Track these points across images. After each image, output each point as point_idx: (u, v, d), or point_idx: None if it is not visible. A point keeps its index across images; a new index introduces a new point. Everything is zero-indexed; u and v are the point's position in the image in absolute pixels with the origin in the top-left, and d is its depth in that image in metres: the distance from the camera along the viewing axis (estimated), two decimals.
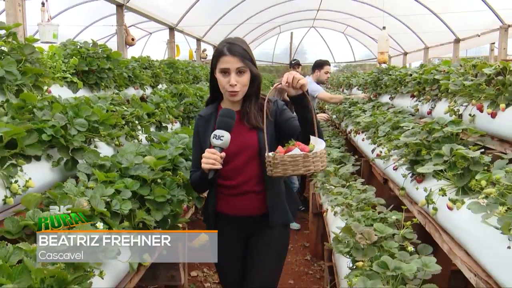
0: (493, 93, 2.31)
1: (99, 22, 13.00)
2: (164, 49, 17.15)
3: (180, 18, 9.43)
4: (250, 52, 1.87)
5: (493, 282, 1.51)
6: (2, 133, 1.71)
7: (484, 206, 1.54)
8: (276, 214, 1.95)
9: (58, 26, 4.91)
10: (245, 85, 1.84)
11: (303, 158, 1.62)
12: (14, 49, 2.46)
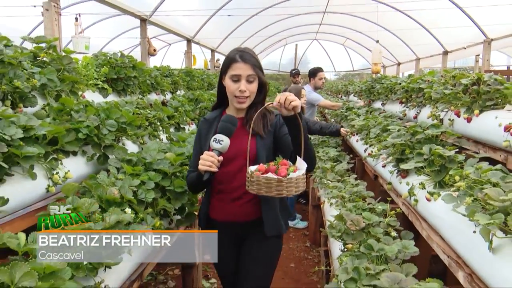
0: (469, 100, 2.38)
1: (123, 34, 13.16)
2: (182, 58, 17.33)
3: (197, 31, 9.55)
4: (259, 61, 1.80)
5: (462, 262, 1.59)
6: (46, 131, 1.82)
7: (455, 197, 1.63)
8: (270, 223, 1.82)
9: (89, 38, 5.05)
10: (253, 92, 1.76)
11: (276, 182, 1.50)
12: (54, 59, 2.59)
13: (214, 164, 1.61)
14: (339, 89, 9.46)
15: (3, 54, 2.02)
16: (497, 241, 1.36)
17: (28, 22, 9.56)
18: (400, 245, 1.74)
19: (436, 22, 9.96)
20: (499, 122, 1.99)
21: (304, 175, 1.56)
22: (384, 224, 2.01)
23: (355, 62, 20.20)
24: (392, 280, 1.35)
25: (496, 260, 1.35)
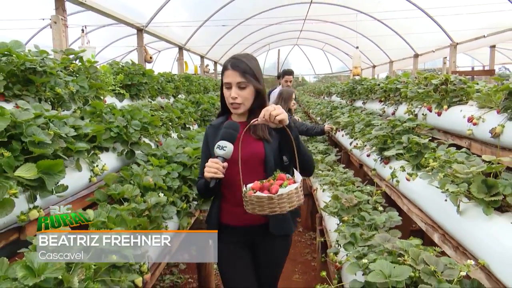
0: (439, 97, 2.70)
1: (116, 42, 13.25)
2: (170, 64, 17.49)
3: (188, 39, 9.76)
4: (254, 68, 1.69)
5: (437, 226, 1.90)
6: (90, 130, 2.05)
7: (430, 174, 1.93)
8: (277, 224, 1.75)
9: (95, 48, 5.23)
10: (246, 99, 1.68)
11: (267, 200, 1.42)
12: (80, 69, 2.80)
13: (219, 171, 1.53)
14: (321, 91, 9.80)
15: (45, 65, 2.24)
16: (463, 205, 1.67)
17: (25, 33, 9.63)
18: (387, 215, 2.03)
19: (408, 29, 10.42)
20: (463, 115, 2.31)
21: (297, 188, 1.45)
22: (372, 201, 2.31)
23: (334, 65, 20.68)
24: (382, 239, 1.64)
25: (463, 220, 1.66)
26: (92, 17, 7.41)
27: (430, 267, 1.34)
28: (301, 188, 1.49)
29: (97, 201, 1.94)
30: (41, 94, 2.21)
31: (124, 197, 1.95)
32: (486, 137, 2.10)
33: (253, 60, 1.75)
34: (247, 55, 1.76)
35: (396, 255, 1.46)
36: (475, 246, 1.54)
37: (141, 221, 1.69)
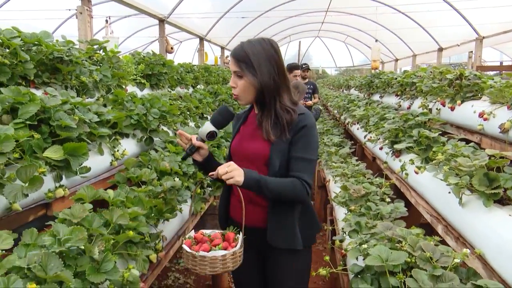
0: (453, 92, 2.73)
1: (137, 33, 13.50)
2: (192, 55, 17.68)
3: (208, 30, 9.89)
4: (256, 55, 1.48)
5: (441, 218, 1.96)
6: (112, 117, 2.19)
7: (436, 167, 1.99)
8: (276, 232, 1.56)
9: (118, 38, 5.40)
10: (243, 90, 1.51)
11: (192, 257, 1.35)
12: (104, 58, 2.95)
13: (182, 142, 1.60)
14: (340, 84, 9.78)
15: (72, 55, 2.38)
16: (465, 198, 1.72)
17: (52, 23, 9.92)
18: (393, 206, 2.10)
19: (432, 22, 10.25)
20: (474, 110, 2.33)
21: (225, 256, 1.33)
22: (380, 192, 2.37)
23: (355, 58, 20.47)
24: (384, 227, 1.71)
25: (464, 212, 1.71)
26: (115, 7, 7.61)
27: (426, 253, 1.41)
28: (232, 256, 1.35)
29: (117, 183, 2.08)
30: (67, 82, 2.36)
31: (142, 180, 2.08)
32: (496, 132, 2.13)
33: (259, 46, 1.50)
34: (257, 40, 1.53)
35: (395, 242, 1.54)
36: (474, 237, 1.60)
37: (157, 202, 1.82)
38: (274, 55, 1.52)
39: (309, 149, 1.52)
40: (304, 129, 1.51)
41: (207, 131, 1.55)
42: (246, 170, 1.43)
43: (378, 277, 1.43)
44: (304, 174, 1.50)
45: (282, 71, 1.55)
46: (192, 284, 3.27)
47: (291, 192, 1.49)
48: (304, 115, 1.54)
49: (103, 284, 1.35)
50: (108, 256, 1.31)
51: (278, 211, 1.56)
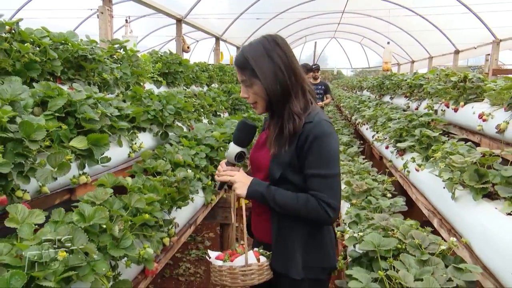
0: (457, 94, 2.82)
1: (154, 32, 13.77)
2: (208, 54, 17.93)
3: (224, 30, 10.07)
4: (255, 59, 1.31)
5: (437, 212, 2.07)
6: (130, 112, 2.36)
7: (433, 164, 2.10)
8: (279, 255, 1.38)
9: (137, 37, 5.61)
10: (258, 97, 1.36)
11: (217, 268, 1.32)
12: (124, 57, 3.13)
13: (219, 174, 1.45)
14: (354, 85, 9.84)
15: (94, 53, 2.57)
16: (457, 192, 1.84)
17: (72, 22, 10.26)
18: (392, 201, 2.22)
19: (449, 24, 10.22)
20: (474, 111, 2.43)
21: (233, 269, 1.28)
22: (382, 188, 2.49)
23: (371, 59, 20.40)
24: (381, 218, 1.84)
25: (456, 206, 1.83)
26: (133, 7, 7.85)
27: (416, 241, 1.54)
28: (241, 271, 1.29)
29: (134, 173, 2.25)
30: (90, 78, 2.55)
31: (157, 171, 2.25)
32: (494, 132, 2.23)
33: (260, 46, 1.33)
34: (258, 40, 1.37)
35: (388, 230, 1.67)
36: (464, 228, 1.71)
37: (170, 191, 1.98)
38: (279, 53, 1.32)
39: (323, 162, 1.28)
40: (313, 141, 1.28)
41: (234, 154, 1.42)
42: (253, 182, 1.36)
43: (371, 262, 1.57)
44: (322, 193, 1.27)
45: (291, 70, 1.33)
46: (202, 274, 3.44)
47: (303, 208, 1.29)
48: (312, 124, 1.30)
49: (121, 260, 1.52)
50: (126, 235, 1.48)
51: (282, 226, 1.38)
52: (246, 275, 1.27)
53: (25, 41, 2.09)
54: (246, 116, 4.17)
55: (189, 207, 2.32)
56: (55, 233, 1.29)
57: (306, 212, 1.29)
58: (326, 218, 1.28)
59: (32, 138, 1.55)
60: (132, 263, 1.57)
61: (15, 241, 1.24)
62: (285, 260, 1.36)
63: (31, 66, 2.04)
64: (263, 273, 1.31)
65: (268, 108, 1.40)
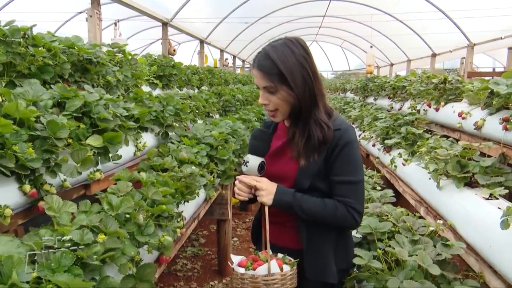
0: (437, 95, 3.08)
1: (136, 35, 13.79)
2: (190, 57, 18.02)
3: (209, 33, 10.22)
4: (287, 64, 1.25)
5: (423, 201, 2.30)
6: (136, 113, 2.51)
7: (419, 158, 2.33)
8: (310, 260, 1.37)
9: (126, 40, 5.71)
10: (281, 105, 1.30)
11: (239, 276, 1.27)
12: (122, 60, 3.26)
13: (243, 192, 1.35)
14: (337, 87, 10.15)
15: (98, 57, 2.70)
16: (442, 182, 2.07)
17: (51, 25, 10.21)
18: (382, 192, 2.43)
19: (427, 28, 10.68)
20: (454, 110, 2.68)
21: (255, 278, 1.24)
22: (372, 182, 2.71)
23: (352, 62, 20.91)
24: (374, 207, 2.05)
25: (441, 194, 2.05)
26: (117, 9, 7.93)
27: (407, 224, 1.75)
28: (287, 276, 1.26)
29: (141, 170, 2.39)
30: (95, 81, 2.67)
31: (163, 168, 2.40)
32: (472, 129, 2.48)
33: (288, 50, 1.27)
34: (282, 43, 1.30)
35: (383, 216, 1.87)
36: (448, 213, 1.94)
37: (180, 185, 2.14)
38: (307, 59, 1.29)
39: (351, 169, 1.31)
40: (342, 148, 1.29)
41: (257, 166, 1.35)
42: (279, 190, 1.32)
43: (370, 244, 1.77)
44: (350, 199, 1.29)
45: (316, 77, 1.32)
46: (199, 269, 3.58)
47: (331, 215, 1.30)
48: (341, 131, 1.30)
49: (143, 246, 1.67)
50: (149, 223, 1.63)
51: (312, 233, 1.37)
52: (268, 284, 1.24)
53: (38, 45, 2.21)
54: (237, 117, 4.35)
55: (193, 202, 2.48)
56: (88, 220, 1.44)
57: (334, 219, 1.30)
58: (353, 224, 1.31)
59: (58, 136, 1.69)
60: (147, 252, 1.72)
61: (51, 228, 1.38)
62: (321, 267, 1.36)
63: (45, 69, 2.16)
64: (286, 283, 1.26)
65: (291, 115, 1.35)
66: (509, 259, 1.39)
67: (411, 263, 1.46)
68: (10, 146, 1.47)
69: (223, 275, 3.43)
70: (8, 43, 2.03)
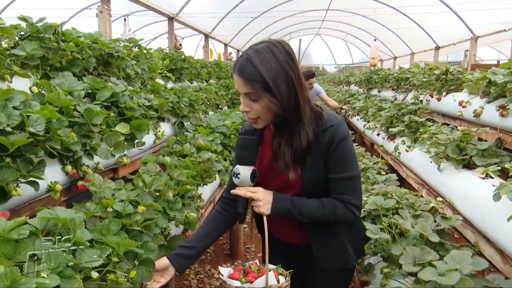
0: (439, 86, 3.26)
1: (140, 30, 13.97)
2: (194, 51, 18.17)
3: (213, 28, 10.39)
4: (269, 73, 1.18)
5: (425, 184, 2.49)
6: (155, 103, 2.70)
7: (421, 143, 2.51)
8: (325, 254, 1.40)
9: (136, 35, 5.89)
10: (263, 113, 1.24)
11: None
12: (138, 55, 3.45)
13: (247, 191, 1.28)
14: (341, 80, 10.31)
15: (119, 51, 2.89)
16: (442, 165, 2.25)
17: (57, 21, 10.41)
18: (387, 176, 2.63)
19: (430, 21, 10.82)
20: (455, 99, 2.87)
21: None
22: (377, 167, 2.90)
23: (355, 55, 21.03)
24: (380, 187, 2.24)
25: (442, 176, 2.24)
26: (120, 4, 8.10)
27: (410, 201, 1.94)
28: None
29: (162, 155, 2.59)
30: (116, 74, 2.87)
31: (182, 154, 2.59)
32: (471, 117, 2.66)
33: (271, 56, 1.20)
34: (265, 47, 1.22)
35: (387, 194, 2.07)
36: (448, 192, 2.13)
37: (200, 168, 2.34)
38: (291, 65, 1.22)
39: (347, 165, 1.30)
40: (338, 144, 1.27)
41: (249, 176, 1.29)
42: (275, 197, 1.29)
43: (375, 219, 1.96)
44: (348, 196, 1.30)
45: (301, 82, 1.25)
46: (212, 253, 3.79)
47: (331, 216, 1.30)
48: (334, 127, 1.27)
49: (171, 222, 1.87)
50: (177, 199, 1.83)
51: (320, 230, 1.38)
52: None
53: (67, 41, 2.40)
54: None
55: (210, 186, 2.68)
56: (127, 195, 1.64)
57: (334, 217, 1.30)
58: (353, 218, 1.32)
59: (93, 122, 1.88)
60: (175, 225, 1.92)
61: (95, 202, 1.58)
62: (336, 256, 1.41)
63: (74, 63, 2.36)
64: None
65: (275, 124, 1.31)
66: (500, 228, 1.58)
67: (413, 233, 1.66)
68: (55, 130, 1.66)
69: (235, 258, 3.63)
70: (42, 38, 2.22)
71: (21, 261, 1.02)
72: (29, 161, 1.41)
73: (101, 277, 1.19)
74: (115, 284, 1.18)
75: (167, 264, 1.38)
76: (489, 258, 1.64)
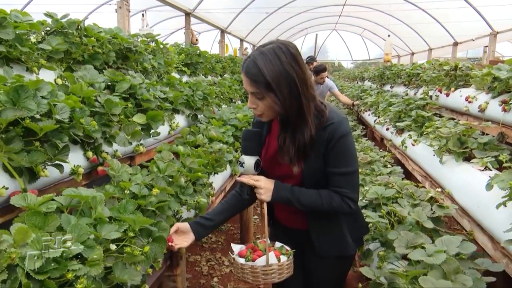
0: (448, 81, 3.31)
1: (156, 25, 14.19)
2: (210, 46, 18.35)
3: (229, 23, 10.52)
4: (272, 75, 1.25)
5: (428, 176, 2.57)
6: (170, 96, 2.84)
7: (426, 137, 2.59)
8: (324, 242, 1.48)
9: (153, 30, 6.06)
10: (267, 110, 1.34)
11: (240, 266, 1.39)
12: (155, 49, 3.60)
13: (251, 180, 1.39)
14: (355, 76, 10.32)
15: (137, 46, 3.04)
16: (444, 158, 2.33)
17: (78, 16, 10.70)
18: (392, 168, 2.72)
19: (448, 16, 10.71)
20: (461, 95, 2.92)
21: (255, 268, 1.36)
22: (383, 161, 2.99)
23: (371, 51, 20.87)
24: (383, 178, 2.33)
25: (444, 168, 2.32)
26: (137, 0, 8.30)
27: (409, 190, 2.04)
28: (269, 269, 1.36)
29: (176, 145, 2.73)
30: (134, 67, 3.02)
31: (195, 144, 2.73)
32: (477, 112, 2.72)
33: (276, 59, 1.26)
34: (271, 49, 1.28)
35: (388, 185, 2.16)
36: (448, 183, 2.21)
37: (212, 157, 2.47)
38: (294, 67, 1.28)
39: (346, 160, 1.36)
40: (337, 141, 1.33)
41: (253, 165, 1.40)
42: (276, 186, 1.40)
43: (376, 207, 2.07)
44: (345, 189, 1.37)
45: (305, 84, 1.31)
46: (223, 242, 3.94)
47: (327, 206, 1.38)
48: (334, 125, 1.34)
49: (183, 206, 2.01)
50: (189, 185, 1.97)
51: (319, 218, 1.47)
52: (266, 274, 1.36)
53: (89, 36, 2.56)
54: None
55: (221, 175, 2.81)
56: (143, 178, 1.78)
57: (331, 208, 1.38)
58: (348, 210, 1.39)
59: (112, 112, 2.03)
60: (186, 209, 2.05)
61: (113, 185, 1.73)
62: (334, 243, 1.48)
63: (95, 57, 2.51)
64: (283, 272, 1.39)
65: (280, 120, 1.41)
66: (492, 216, 1.66)
67: (409, 220, 1.76)
68: (78, 119, 1.82)
69: None
70: (66, 34, 2.38)
71: (49, 231, 1.16)
72: (55, 145, 1.56)
73: (118, 250, 1.33)
74: (131, 256, 1.32)
75: (188, 228, 1.56)
76: (482, 245, 1.73)
